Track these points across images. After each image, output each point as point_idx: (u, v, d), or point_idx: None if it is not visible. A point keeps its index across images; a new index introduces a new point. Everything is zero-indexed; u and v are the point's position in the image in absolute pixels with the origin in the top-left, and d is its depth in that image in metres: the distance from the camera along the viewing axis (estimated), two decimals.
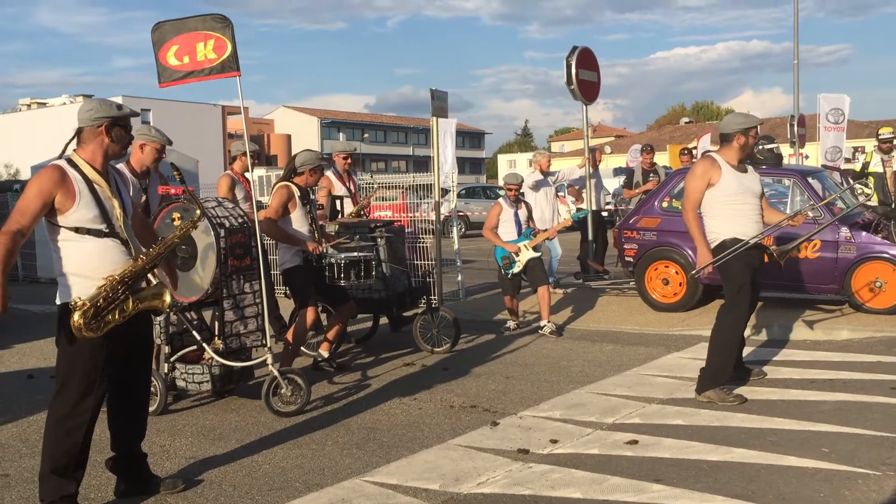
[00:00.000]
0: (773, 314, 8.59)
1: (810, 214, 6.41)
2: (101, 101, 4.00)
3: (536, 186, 10.38)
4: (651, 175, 11.67)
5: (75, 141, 3.97)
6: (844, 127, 16.65)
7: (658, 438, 4.90)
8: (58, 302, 3.87)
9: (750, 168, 6.00)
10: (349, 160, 8.51)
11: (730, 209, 5.76)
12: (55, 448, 3.86)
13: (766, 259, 5.96)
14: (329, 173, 8.40)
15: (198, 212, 4.41)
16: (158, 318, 5.48)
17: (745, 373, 6.23)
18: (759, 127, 5.94)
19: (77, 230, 3.81)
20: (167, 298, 4.05)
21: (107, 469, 4.28)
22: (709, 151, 6.02)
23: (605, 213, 11.76)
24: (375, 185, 10.03)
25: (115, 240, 3.89)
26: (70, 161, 3.88)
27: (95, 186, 3.87)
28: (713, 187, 5.75)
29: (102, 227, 3.85)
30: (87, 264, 3.82)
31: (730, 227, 5.76)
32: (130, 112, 4.03)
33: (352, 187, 8.53)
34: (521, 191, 8.85)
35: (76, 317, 3.70)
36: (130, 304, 3.88)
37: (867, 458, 4.48)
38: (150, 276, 4.18)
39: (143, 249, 4.04)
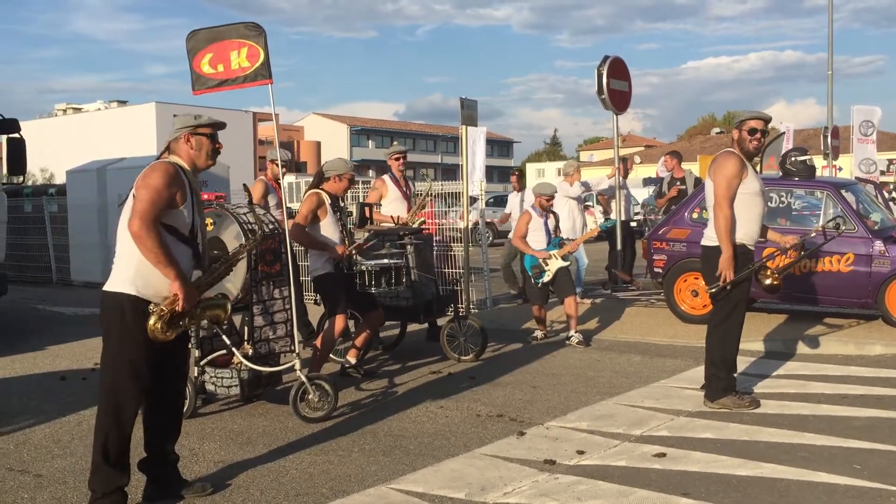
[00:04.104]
0: (804, 328, 8.49)
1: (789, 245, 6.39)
2: (184, 115, 4.19)
3: (575, 198, 10.47)
4: (678, 182, 11.59)
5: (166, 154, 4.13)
6: (874, 139, 16.40)
7: (686, 451, 4.86)
8: (113, 289, 3.92)
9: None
10: (401, 161, 8.50)
11: (746, 210, 5.71)
12: (106, 440, 3.92)
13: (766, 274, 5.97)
14: (386, 177, 8.46)
15: (257, 230, 4.67)
16: None
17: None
18: (762, 122, 5.74)
19: (167, 228, 3.91)
20: (228, 308, 4.26)
21: (138, 470, 4.32)
22: (727, 149, 5.87)
23: (633, 224, 11.71)
24: (427, 188, 9.90)
25: (191, 247, 4.04)
26: (176, 164, 4.02)
27: (195, 196, 4.04)
28: (742, 183, 5.68)
29: (187, 233, 4.00)
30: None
31: (740, 229, 5.71)
32: (210, 122, 4.15)
33: (407, 191, 8.53)
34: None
35: (153, 321, 3.86)
36: (198, 311, 4.07)
37: None
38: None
39: (206, 262, 4.22)
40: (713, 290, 5.73)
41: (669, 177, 11.82)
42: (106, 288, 3.97)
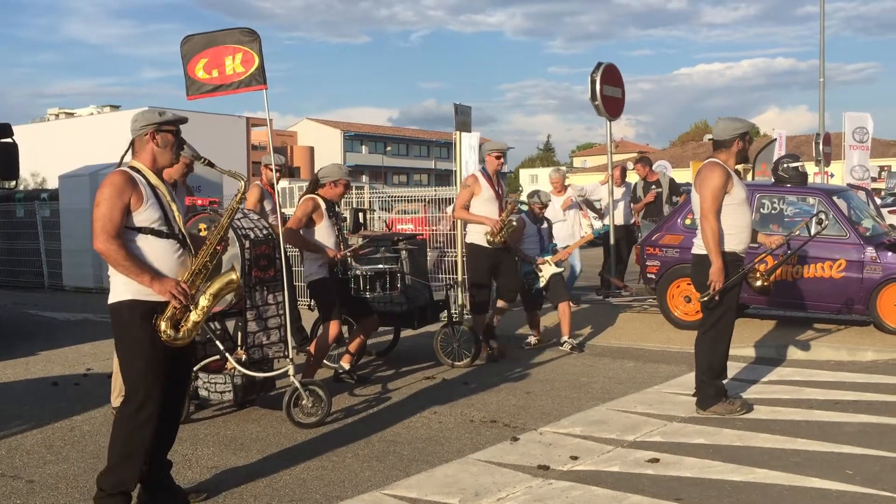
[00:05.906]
0: (796, 333, 8.52)
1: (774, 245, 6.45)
2: (147, 111, 4.18)
3: (567, 206, 10.54)
4: (652, 186, 11.63)
5: (130, 152, 4.16)
6: (868, 145, 16.49)
7: (679, 457, 4.88)
8: (114, 300, 3.99)
9: None
10: (502, 160, 7.97)
11: (733, 219, 5.73)
12: (125, 443, 3.97)
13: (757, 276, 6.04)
14: (478, 173, 7.94)
15: (241, 184, 4.50)
16: None
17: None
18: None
19: (141, 230, 3.97)
20: (234, 276, 4.18)
21: None
22: (710, 159, 5.88)
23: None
24: (519, 195, 9.73)
25: (174, 240, 4.07)
26: (132, 168, 4.07)
27: (157, 190, 4.06)
28: (727, 195, 5.71)
29: (164, 228, 4.03)
30: (151, 264, 3.97)
31: (729, 239, 5.73)
32: (175, 118, 4.16)
33: (500, 190, 7.94)
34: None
35: (162, 328, 3.92)
36: (207, 296, 4.06)
37: (891, 480, 4.42)
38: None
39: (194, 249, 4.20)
40: (705, 298, 5.75)
41: (643, 182, 11.85)
42: (109, 301, 4.05)
